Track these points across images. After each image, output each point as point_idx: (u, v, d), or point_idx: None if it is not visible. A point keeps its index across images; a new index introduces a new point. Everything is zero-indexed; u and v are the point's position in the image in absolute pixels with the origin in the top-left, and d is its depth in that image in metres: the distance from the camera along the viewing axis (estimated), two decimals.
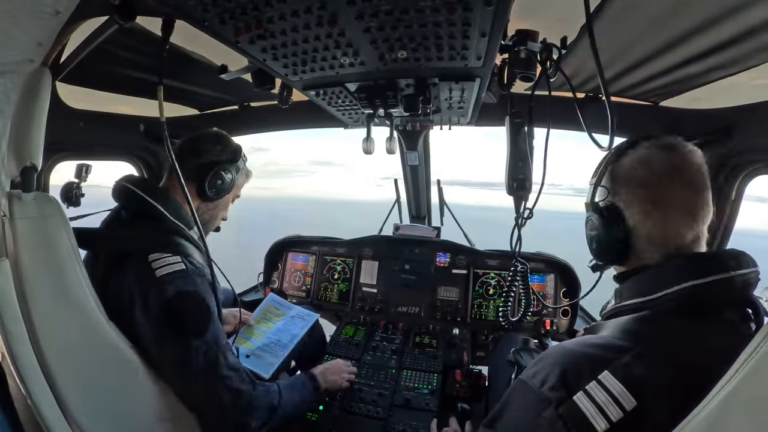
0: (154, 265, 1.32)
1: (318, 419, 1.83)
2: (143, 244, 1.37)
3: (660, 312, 0.90)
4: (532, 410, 0.87)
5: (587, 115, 1.23)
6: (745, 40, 1.19)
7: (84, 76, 1.65)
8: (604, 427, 0.76)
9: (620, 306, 1.00)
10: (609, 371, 0.80)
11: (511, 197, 1.41)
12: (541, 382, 0.88)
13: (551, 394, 0.84)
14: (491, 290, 2.65)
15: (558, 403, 0.82)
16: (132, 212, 1.46)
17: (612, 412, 0.77)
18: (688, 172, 0.98)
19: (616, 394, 0.77)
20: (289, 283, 2.98)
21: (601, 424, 0.76)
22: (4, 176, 1.13)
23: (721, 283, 0.86)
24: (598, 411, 0.77)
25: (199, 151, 1.58)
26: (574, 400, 0.80)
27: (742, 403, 0.61)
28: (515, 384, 1.01)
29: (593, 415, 0.78)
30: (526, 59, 1.26)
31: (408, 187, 2.98)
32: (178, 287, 1.32)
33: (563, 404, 0.82)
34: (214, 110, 2.56)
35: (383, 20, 0.99)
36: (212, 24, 1.04)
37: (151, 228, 1.43)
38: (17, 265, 1.09)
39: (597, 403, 0.78)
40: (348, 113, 1.87)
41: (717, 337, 0.84)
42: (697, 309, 0.86)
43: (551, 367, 0.89)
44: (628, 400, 0.76)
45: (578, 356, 0.88)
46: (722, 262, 0.88)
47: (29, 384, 1.07)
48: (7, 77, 1.07)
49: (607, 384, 0.79)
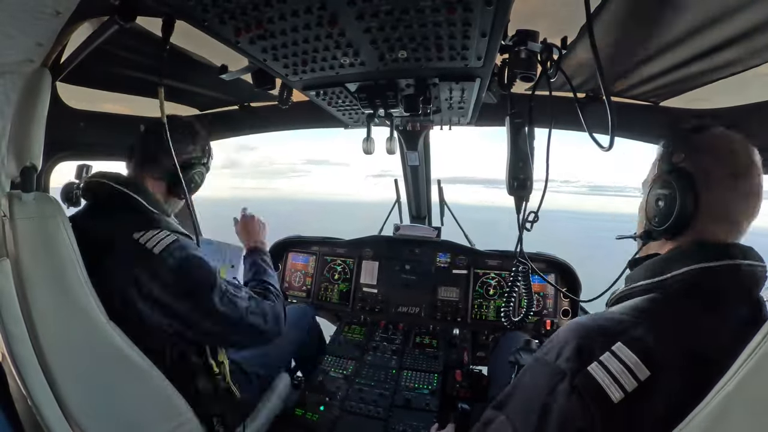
0: (149, 244, 1.31)
1: (318, 419, 1.83)
2: (126, 227, 1.35)
3: (668, 293, 0.92)
4: (545, 385, 0.87)
5: (588, 115, 1.23)
6: (746, 40, 1.19)
7: (84, 76, 1.65)
8: (619, 397, 0.76)
9: (630, 288, 1.01)
10: (622, 342, 0.81)
11: (523, 197, 1.40)
12: (556, 356, 0.88)
13: (566, 365, 0.84)
14: (491, 290, 2.65)
15: (573, 374, 0.82)
16: (107, 204, 1.43)
17: (626, 382, 0.77)
18: None
19: (630, 365, 0.78)
20: (289, 283, 2.98)
21: (615, 393, 0.76)
22: (5, 177, 1.13)
23: (726, 269, 0.88)
24: (613, 380, 0.77)
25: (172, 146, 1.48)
26: (588, 371, 0.80)
27: (744, 402, 0.60)
28: (528, 364, 1.01)
29: (608, 385, 0.77)
30: (527, 59, 1.26)
31: (408, 187, 2.98)
32: (179, 256, 1.34)
33: (578, 375, 0.81)
34: (214, 110, 2.57)
35: (383, 20, 0.99)
36: (212, 24, 1.04)
37: (130, 214, 1.41)
38: (18, 265, 1.09)
39: (611, 372, 0.78)
40: (348, 113, 1.87)
41: (721, 325, 0.85)
42: (704, 293, 0.88)
43: (565, 341, 0.90)
44: (642, 371, 0.77)
45: (592, 329, 0.89)
46: (728, 251, 0.91)
47: (30, 384, 1.07)
48: (7, 77, 1.08)
49: (621, 354, 0.79)
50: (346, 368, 2.15)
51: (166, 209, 1.52)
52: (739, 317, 0.87)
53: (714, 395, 0.64)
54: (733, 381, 0.62)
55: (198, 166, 1.60)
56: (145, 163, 1.52)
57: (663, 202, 1.03)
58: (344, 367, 2.15)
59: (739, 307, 0.89)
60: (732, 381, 0.62)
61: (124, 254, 1.31)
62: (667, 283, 0.93)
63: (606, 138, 1.09)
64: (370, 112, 1.61)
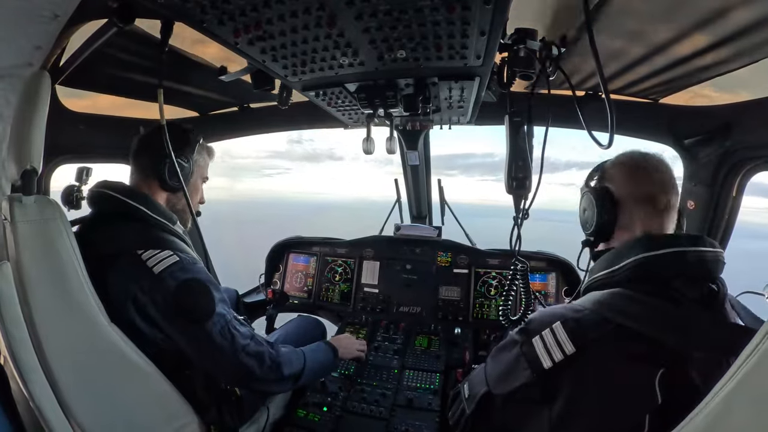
0: (149, 262, 1.31)
1: (320, 420, 1.83)
2: (130, 242, 1.36)
3: (617, 281, 1.06)
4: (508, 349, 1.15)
5: (587, 113, 1.23)
6: (744, 37, 1.19)
7: (83, 79, 1.65)
8: (548, 365, 1.00)
9: (591, 280, 1.18)
10: (560, 323, 1.03)
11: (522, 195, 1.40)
12: (517, 331, 1.16)
13: (519, 337, 1.12)
14: (492, 290, 2.64)
15: (521, 343, 1.09)
16: (110, 215, 1.43)
17: (555, 353, 1.00)
18: None
19: (561, 341, 1.00)
20: (290, 284, 2.98)
21: (546, 361, 1.01)
22: (5, 180, 1.13)
23: (669, 256, 1.01)
24: (545, 351, 1.02)
25: (149, 146, 1.50)
26: (531, 341, 1.06)
27: (745, 402, 0.60)
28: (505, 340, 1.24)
29: (541, 354, 1.02)
30: (526, 58, 1.26)
31: (408, 187, 2.98)
32: (178, 278, 1.32)
33: (524, 344, 1.08)
34: (213, 112, 2.57)
35: (382, 20, 0.99)
36: (211, 25, 1.04)
37: (135, 228, 1.41)
38: (18, 268, 1.09)
39: (546, 344, 1.02)
40: (348, 113, 1.87)
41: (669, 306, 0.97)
42: (651, 278, 1.02)
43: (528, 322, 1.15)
44: (569, 346, 0.98)
45: (546, 313, 1.13)
46: (675, 240, 1.06)
47: (31, 386, 1.07)
48: (7, 81, 1.08)
49: (556, 332, 1.02)
50: (348, 368, 2.14)
51: (172, 217, 1.51)
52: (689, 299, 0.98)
53: (715, 394, 0.64)
54: (734, 379, 0.62)
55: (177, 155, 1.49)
56: (148, 171, 1.51)
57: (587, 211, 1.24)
58: (346, 367, 2.14)
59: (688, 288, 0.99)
60: (733, 379, 0.62)
61: (125, 269, 1.32)
62: (616, 273, 1.07)
63: (605, 136, 1.09)
64: (370, 112, 1.61)
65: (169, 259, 1.33)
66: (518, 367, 1.07)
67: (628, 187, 1.16)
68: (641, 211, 1.13)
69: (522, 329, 1.14)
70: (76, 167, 1.73)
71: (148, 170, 1.50)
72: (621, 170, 1.19)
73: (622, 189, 1.16)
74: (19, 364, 1.06)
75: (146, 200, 1.44)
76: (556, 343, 1.01)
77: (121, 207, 1.40)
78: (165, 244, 1.38)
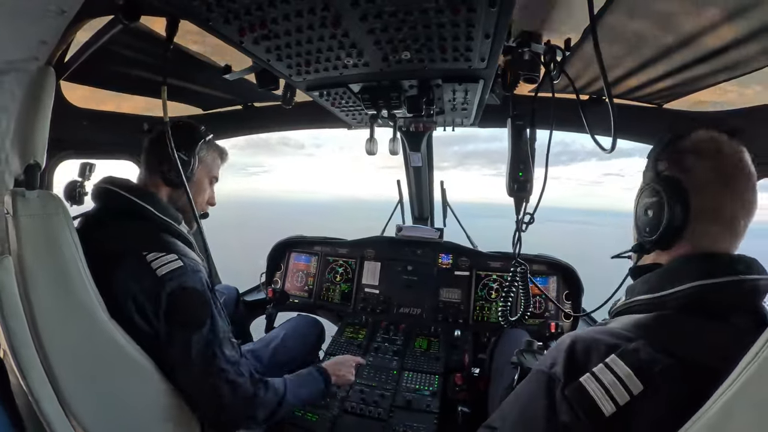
0: (153, 264, 1.31)
1: (317, 420, 1.82)
2: (136, 242, 1.36)
3: (669, 309, 0.89)
4: (540, 393, 0.87)
5: (590, 117, 1.23)
6: (750, 43, 1.18)
7: (88, 75, 1.66)
8: (611, 410, 0.76)
9: (631, 302, 0.98)
10: (616, 355, 0.80)
11: (523, 198, 1.40)
12: (551, 365, 0.88)
13: (559, 374, 0.85)
14: (493, 293, 2.64)
15: (564, 383, 0.82)
16: (116, 213, 1.43)
17: (618, 395, 0.76)
18: None
19: (623, 377, 0.77)
20: (291, 283, 2.98)
21: (607, 406, 0.76)
22: (8, 174, 1.13)
23: (729, 286, 0.86)
24: (605, 393, 0.77)
25: (156, 142, 1.51)
26: (580, 382, 0.80)
27: (744, 408, 0.60)
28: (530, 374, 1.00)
29: (600, 397, 0.77)
30: (530, 61, 1.26)
31: (411, 188, 2.98)
32: (179, 283, 1.32)
33: (569, 386, 0.82)
34: (217, 110, 2.57)
35: (387, 21, 0.99)
36: (216, 24, 1.04)
37: (140, 227, 1.41)
38: (20, 262, 1.09)
39: (603, 384, 0.77)
40: (351, 114, 1.87)
41: (722, 339, 0.83)
42: (705, 309, 0.86)
43: (560, 351, 0.89)
44: (635, 384, 0.76)
45: (588, 341, 0.88)
46: (732, 266, 0.88)
47: (30, 380, 1.07)
48: (12, 75, 1.08)
49: (615, 367, 0.78)
50: None
51: (177, 216, 1.51)
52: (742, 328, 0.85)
53: (715, 400, 0.64)
54: (735, 385, 0.61)
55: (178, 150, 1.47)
56: (153, 168, 1.52)
57: (652, 211, 0.99)
58: None
59: (743, 319, 0.86)
60: (734, 386, 0.62)
61: (130, 268, 1.32)
62: (667, 299, 0.90)
63: (608, 140, 1.09)
64: (374, 112, 1.61)
65: (173, 263, 1.33)
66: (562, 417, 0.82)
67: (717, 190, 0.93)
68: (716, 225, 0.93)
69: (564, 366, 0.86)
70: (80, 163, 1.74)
71: (152, 166, 1.52)
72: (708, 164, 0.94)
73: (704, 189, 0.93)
74: (18, 358, 1.06)
75: (153, 199, 1.45)
76: (618, 381, 0.77)
77: (127, 205, 1.40)
78: (170, 247, 1.38)
